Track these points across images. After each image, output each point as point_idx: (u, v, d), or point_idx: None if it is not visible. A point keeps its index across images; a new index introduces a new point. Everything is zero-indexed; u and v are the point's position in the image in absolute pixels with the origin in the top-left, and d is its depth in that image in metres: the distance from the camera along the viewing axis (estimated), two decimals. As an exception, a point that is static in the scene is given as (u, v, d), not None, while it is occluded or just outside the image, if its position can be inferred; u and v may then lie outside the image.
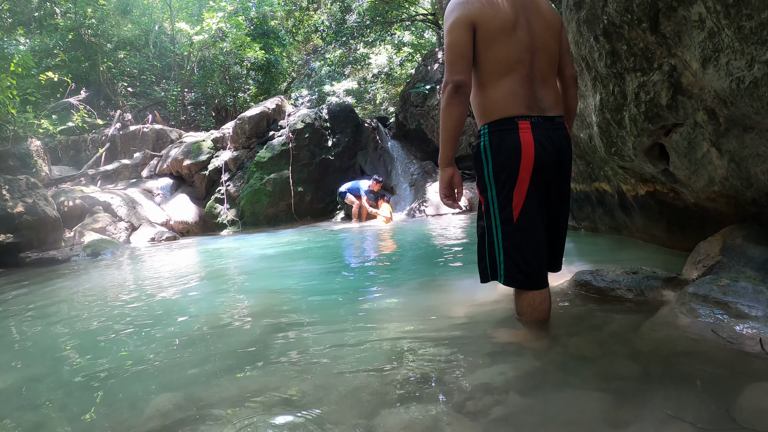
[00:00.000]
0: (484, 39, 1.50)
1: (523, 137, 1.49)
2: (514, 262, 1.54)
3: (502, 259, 1.56)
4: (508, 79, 1.51)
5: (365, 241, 5.68)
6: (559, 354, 1.43)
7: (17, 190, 5.93)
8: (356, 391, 1.30)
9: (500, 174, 1.53)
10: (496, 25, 1.48)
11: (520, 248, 1.53)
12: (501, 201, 1.54)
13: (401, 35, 15.03)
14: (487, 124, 1.56)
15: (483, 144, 1.57)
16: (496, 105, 1.53)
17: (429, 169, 9.60)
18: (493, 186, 1.55)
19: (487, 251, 1.63)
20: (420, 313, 2.06)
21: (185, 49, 12.95)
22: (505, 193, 1.53)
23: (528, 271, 1.53)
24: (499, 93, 1.52)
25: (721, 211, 2.41)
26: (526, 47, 1.51)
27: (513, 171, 1.50)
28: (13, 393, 1.57)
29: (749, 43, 1.53)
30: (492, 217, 1.57)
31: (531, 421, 1.08)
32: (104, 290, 3.44)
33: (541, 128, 1.52)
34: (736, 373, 1.20)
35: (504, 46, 1.50)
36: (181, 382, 1.51)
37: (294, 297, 2.74)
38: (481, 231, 1.67)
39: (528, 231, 1.53)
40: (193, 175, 9.80)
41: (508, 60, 1.50)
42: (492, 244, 1.60)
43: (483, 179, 1.59)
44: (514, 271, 1.54)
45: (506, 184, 1.52)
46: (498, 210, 1.55)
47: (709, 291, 1.61)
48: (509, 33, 1.49)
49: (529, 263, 1.53)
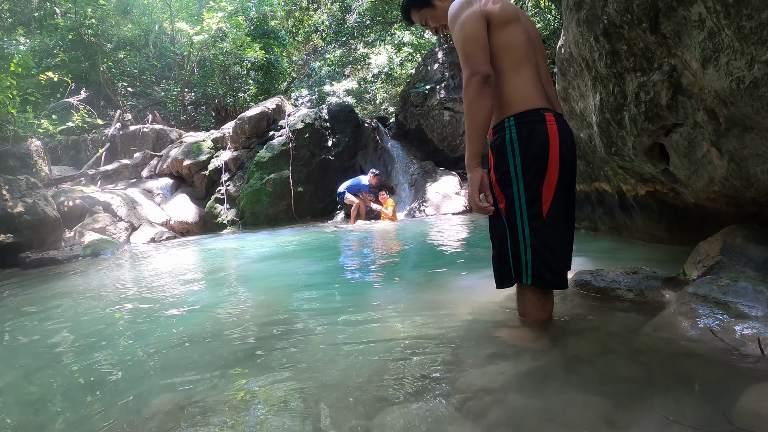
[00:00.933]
0: (498, 31, 1.51)
1: (551, 129, 1.47)
2: (542, 260, 1.46)
3: (529, 258, 1.48)
4: (525, 71, 1.52)
5: (365, 241, 5.68)
6: (559, 354, 1.43)
7: (17, 190, 5.93)
8: (356, 390, 1.30)
9: (530, 168, 1.46)
10: (505, 17, 1.51)
11: (550, 245, 1.47)
12: (530, 196, 1.47)
13: (401, 35, 15.01)
14: (513, 116, 1.50)
15: (509, 137, 1.50)
16: (520, 96, 1.50)
17: (429, 169, 9.60)
18: (521, 180, 1.47)
19: (510, 252, 1.52)
20: (420, 312, 2.06)
21: (185, 49, 12.96)
22: (535, 188, 1.46)
23: (557, 269, 1.48)
24: (521, 84, 1.51)
25: (721, 211, 2.41)
26: (531, 43, 1.56)
27: (543, 164, 1.46)
28: (12, 392, 1.57)
29: (749, 43, 1.53)
30: (518, 214, 1.49)
31: (531, 422, 1.07)
32: (104, 290, 3.44)
33: (561, 122, 1.52)
34: (735, 374, 1.20)
35: (516, 37, 1.52)
36: (182, 382, 1.51)
37: (294, 296, 2.74)
38: (500, 232, 1.56)
39: (557, 227, 1.49)
40: (193, 175, 9.81)
41: (521, 52, 1.52)
42: (516, 243, 1.50)
43: (508, 174, 1.50)
44: (543, 270, 1.47)
45: (536, 178, 1.46)
46: (526, 206, 1.47)
47: (709, 291, 1.61)
48: (516, 26, 1.53)
49: (559, 261, 1.48)
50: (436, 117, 9.97)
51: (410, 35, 15.11)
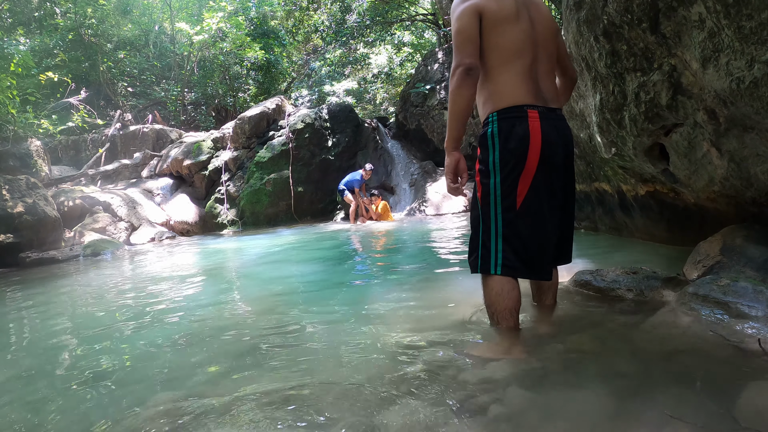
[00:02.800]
0: (489, 27, 1.55)
1: (532, 126, 1.51)
2: (513, 250, 1.52)
3: (500, 247, 1.53)
4: (514, 68, 1.55)
5: (365, 241, 5.68)
6: (559, 353, 1.43)
7: (17, 190, 5.93)
8: (356, 389, 1.30)
9: (508, 161, 1.52)
10: (500, 15, 1.54)
11: (521, 235, 1.52)
12: (505, 188, 1.53)
13: (401, 35, 15.03)
14: (496, 111, 1.56)
15: (491, 131, 1.56)
16: (504, 92, 1.55)
17: (429, 169, 9.60)
18: (498, 173, 1.54)
19: (481, 241, 1.58)
20: (420, 311, 2.06)
21: (185, 49, 12.96)
22: (510, 181, 1.52)
23: (526, 259, 1.52)
24: (507, 81, 1.55)
25: (721, 211, 2.41)
26: (529, 39, 1.57)
27: (521, 159, 1.50)
28: (12, 392, 1.57)
29: (749, 43, 1.53)
30: (492, 204, 1.55)
31: (531, 420, 1.08)
32: (104, 290, 3.44)
33: (548, 119, 1.54)
34: (736, 372, 1.20)
35: (508, 35, 1.55)
36: (182, 381, 1.51)
37: (294, 296, 2.74)
38: (475, 222, 1.62)
39: (531, 219, 1.52)
40: (193, 175, 9.81)
41: (513, 49, 1.55)
42: (488, 232, 1.56)
43: (487, 165, 1.57)
44: (513, 259, 1.52)
45: (513, 171, 1.52)
46: (501, 197, 1.53)
47: (709, 291, 1.61)
48: (512, 23, 1.55)
49: (529, 250, 1.52)
50: (436, 117, 9.97)
51: (410, 35, 15.12)
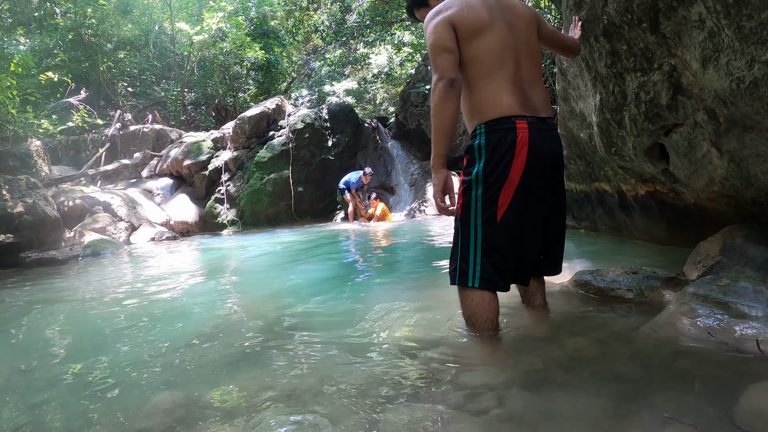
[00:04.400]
0: (465, 39, 1.53)
1: (520, 137, 1.49)
2: (491, 263, 1.50)
3: (479, 260, 1.51)
4: (498, 79, 1.53)
5: (365, 241, 5.68)
6: (559, 354, 1.43)
7: (17, 190, 5.93)
8: (356, 389, 1.30)
9: (492, 173, 1.50)
10: (474, 26, 1.53)
11: (500, 249, 1.50)
12: (486, 200, 1.51)
13: (401, 35, 15.00)
14: (483, 123, 1.54)
15: (479, 143, 1.54)
16: (490, 104, 1.53)
17: (429, 169, 9.58)
18: (481, 184, 1.52)
19: (459, 253, 1.56)
20: (420, 311, 2.06)
21: (185, 49, 12.95)
22: (492, 193, 1.50)
23: (505, 272, 1.52)
24: (492, 92, 1.53)
25: (721, 211, 2.41)
26: (510, 47, 1.55)
27: (504, 171, 1.49)
28: (11, 392, 1.57)
29: (749, 43, 1.53)
30: (472, 216, 1.53)
31: (531, 421, 1.08)
32: (104, 290, 3.44)
33: (537, 129, 1.52)
34: (735, 374, 1.20)
35: (486, 46, 1.53)
36: (182, 381, 1.51)
37: (294, 296, 2.74)
38: (455, 233, 1.61)
39: (510, 232, 1.51)
40: (193, 175, 9.80)
41: (493, 59, 1.53)
42: (466, 245, 1.54)
43: (470, 176, 1.56)
44: (491, 273, 1.50)
45: (495, 182, 1.50)
46: (481, 210, 1.52)
47: (709, 291, 1.61)
48: (488, 32, 1.53)
49: (508, 264, 1.51)
50: (436, 117, 9.96)
51: (410, 35, 15.09)
